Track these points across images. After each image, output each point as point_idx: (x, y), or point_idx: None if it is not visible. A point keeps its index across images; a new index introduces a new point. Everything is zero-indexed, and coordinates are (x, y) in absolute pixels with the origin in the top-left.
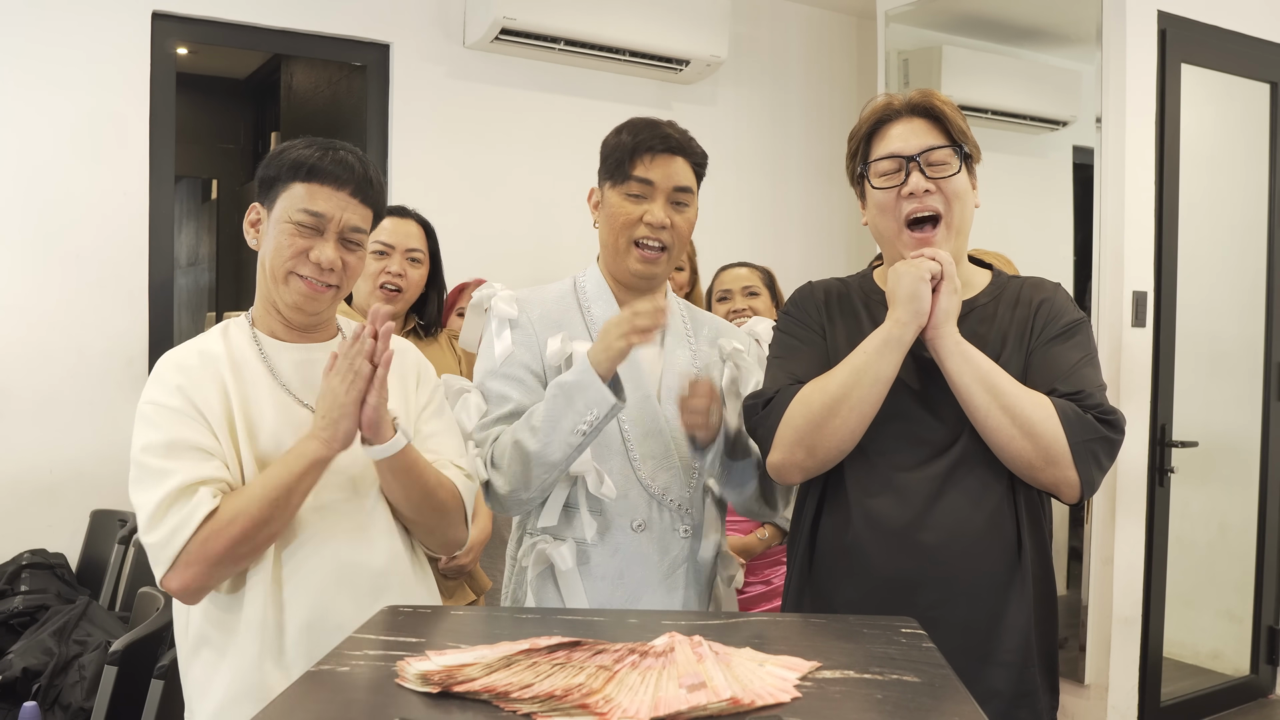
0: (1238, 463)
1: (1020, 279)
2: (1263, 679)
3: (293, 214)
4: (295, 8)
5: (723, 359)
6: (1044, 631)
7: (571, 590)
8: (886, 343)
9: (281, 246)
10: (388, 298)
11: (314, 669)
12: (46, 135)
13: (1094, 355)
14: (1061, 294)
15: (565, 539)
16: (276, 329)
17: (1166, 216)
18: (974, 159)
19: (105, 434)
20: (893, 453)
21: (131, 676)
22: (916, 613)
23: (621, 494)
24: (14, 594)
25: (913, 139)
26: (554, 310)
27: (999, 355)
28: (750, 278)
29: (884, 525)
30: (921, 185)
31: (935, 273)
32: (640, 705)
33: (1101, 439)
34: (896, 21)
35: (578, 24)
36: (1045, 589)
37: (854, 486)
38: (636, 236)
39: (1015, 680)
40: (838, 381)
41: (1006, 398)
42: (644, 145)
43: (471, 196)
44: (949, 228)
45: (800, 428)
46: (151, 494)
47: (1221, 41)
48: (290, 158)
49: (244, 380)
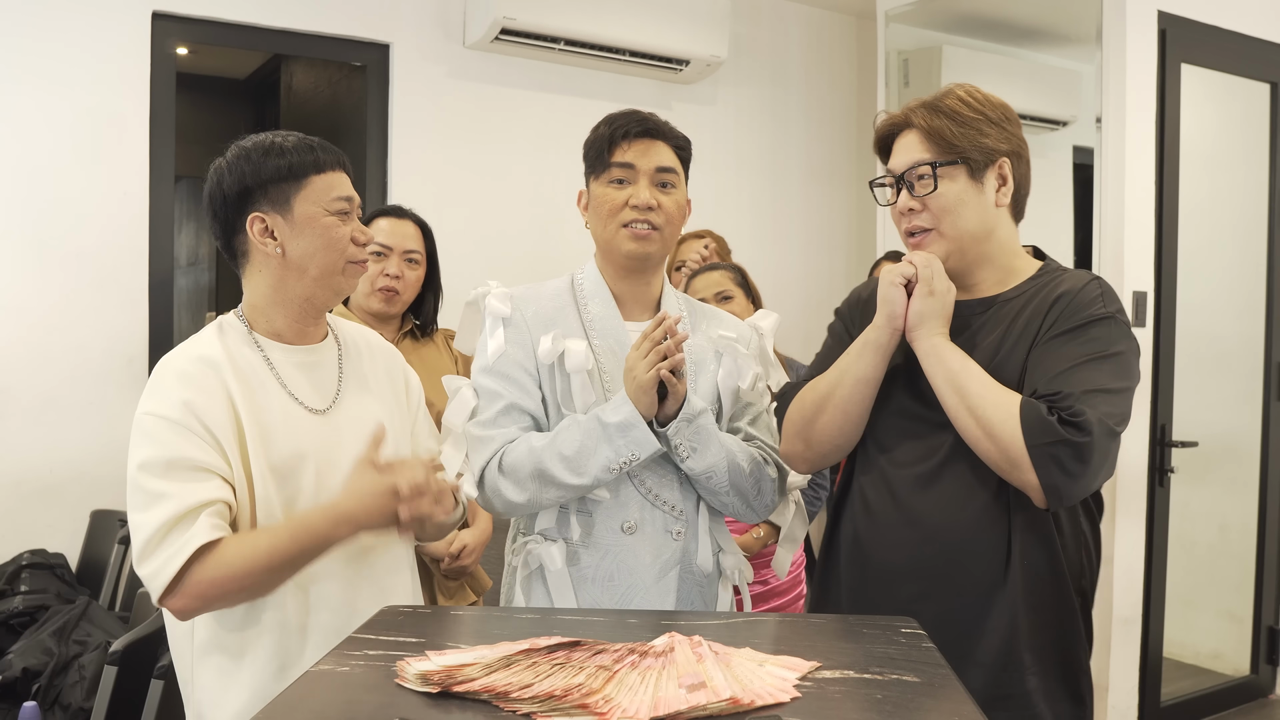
0: (1238, 463)
1: (1063, 273)
2: (1263, 679)
3: (329, 205)
4: (295, 8)
5: (717, 352)
6: (1060, 638)
7: (561, 591)
8: (865, 345)
9: (336, 239)
10: (385, 298)
11: (314, 669)
12: (46, 135)
13: (1109, 355)
14: (1091, 290)
15: (556, 539)
16: (282, 331)
17: (1166, 216)
18: (983, 161)
19: (105, 434)
20: (892, 447)
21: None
22: (899, 605)
23: (613, 494)
24: (14, 594)
25: (902, 155)
26: (548, 308)
27: (996, 354)
28: (722, 281)
29: (875, 516)
30: (906, 204)
31: (909, 275)
32: (640, 705)
33: (1062, 442)
34: (896, 21)
35: (578, 24)
36: (1055, 593)
37: (858, 477)
38: (624, 220)
39: (991, 683)
40: (826, 381)
41: (971, 398)
42: (620, 131)
43: (471, 196)
44: (941, 236)
45: (796, 423)
46: (146, 518)
47: (1221, 41)
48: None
49: (250, 387)
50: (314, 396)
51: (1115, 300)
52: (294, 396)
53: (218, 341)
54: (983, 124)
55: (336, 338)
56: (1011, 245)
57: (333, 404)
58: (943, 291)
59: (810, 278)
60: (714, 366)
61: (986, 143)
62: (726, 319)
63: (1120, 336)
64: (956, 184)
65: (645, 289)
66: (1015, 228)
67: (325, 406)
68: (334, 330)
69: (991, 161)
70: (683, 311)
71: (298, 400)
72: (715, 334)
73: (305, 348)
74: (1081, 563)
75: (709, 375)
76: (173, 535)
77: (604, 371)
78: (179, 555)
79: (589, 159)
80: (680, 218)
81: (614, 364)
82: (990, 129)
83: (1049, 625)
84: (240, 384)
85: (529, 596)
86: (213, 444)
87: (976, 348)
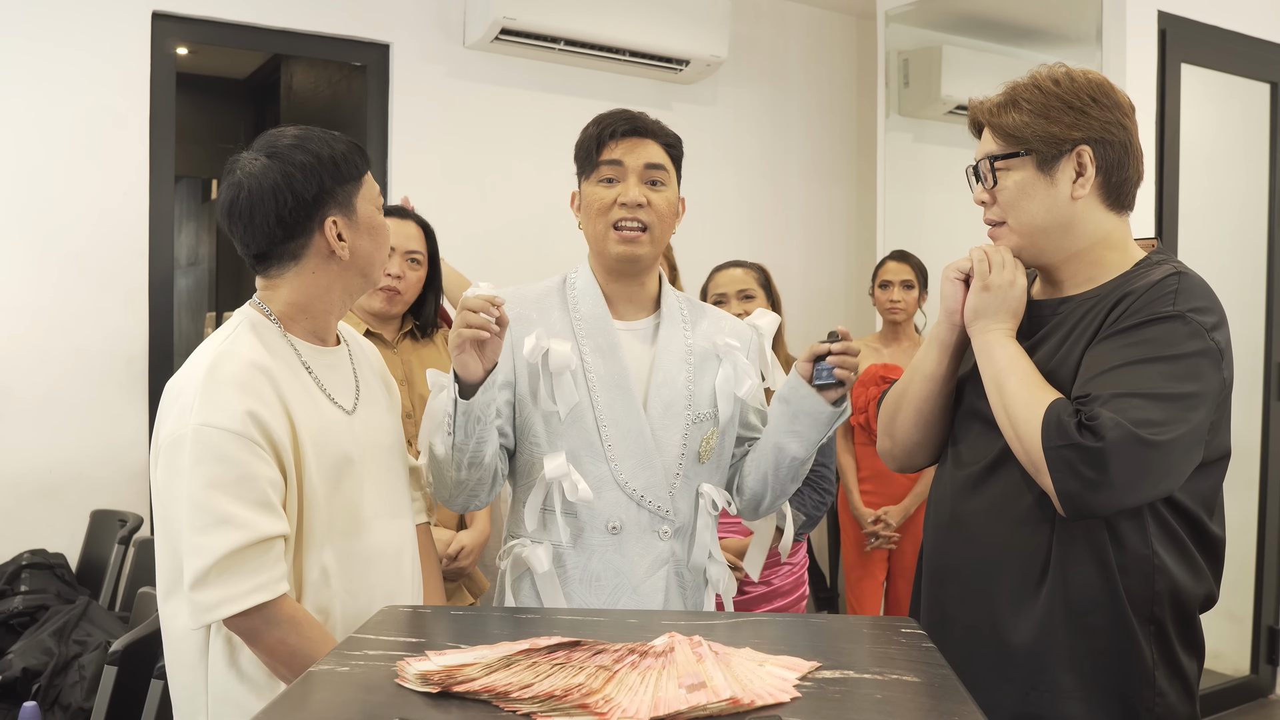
0: (1238, 463)
1: (1152, 268)
2: (1263, 679)
3: (379, 203)
4: (295, 8)
5: (718, 356)
6: (1114, 666)
7: (549, 593)
8: (930, 341)
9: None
10: (387, 298)
11: (314, 669)
12: (46, 135)
13: (1164, 358)
14: (1165, 286)
15: (542, 541)
16: (317, 332)
17: (1166, 216)
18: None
19: (105, 434)
20: (962, 448)
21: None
22: (941, 607)
23: (598, 495)
24: (14, 594)
25: (981, 148)
26: (533, 308)
27: (1055, 354)
28: (745, 280)
29: (934, 516)
30: (979, 197)
31: (966, 269)
32: (640, 705)
33: (1073, 446)
34: (896, 21)
35: (578, 24)
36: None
37: (935, 477)
38: (614, 220)
39: (1022, 700)
40: (903, 379)
41: (1007, 396)
42: (608, 130)
43: (471, 196)
44: (1010, 229)
45: (884, 421)
46: (210, 541)
47: (1221, 41)
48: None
49: (296, 392)
50: (345, 397)
51: (1195, 298)
52: (331, 399)
53: (259, 344)
54: (1058, 111)
55: (348, 346)
56: (1105, 239)
57: (356, 404)
58: (1001, 285)
59: (810, 278)
60: (715, 368)
61: (1055, 131)
62: (725, 320)
63: (1186, 337)
64: (1020, 176)
65: (639, 289)
66: (1116, 219)
67: (352, 407)
68: (345, 341)
69: (1063, 151)
70: (682, 312)
71: (335, 402)
72: (721, 340)
73: (329, 349)
74: (1151, 590)
75: (709, 377)
76: (241, 567)
77: (590, 371)
78: (253, 596)
79: (579, 159)
80: (672, 216)
81: (602, 364)
82: (1066, 115)
83: (1101, 651)
84: (290, 389)
85: (518, 599)
86: (274, 458)
87: (1042, 347)
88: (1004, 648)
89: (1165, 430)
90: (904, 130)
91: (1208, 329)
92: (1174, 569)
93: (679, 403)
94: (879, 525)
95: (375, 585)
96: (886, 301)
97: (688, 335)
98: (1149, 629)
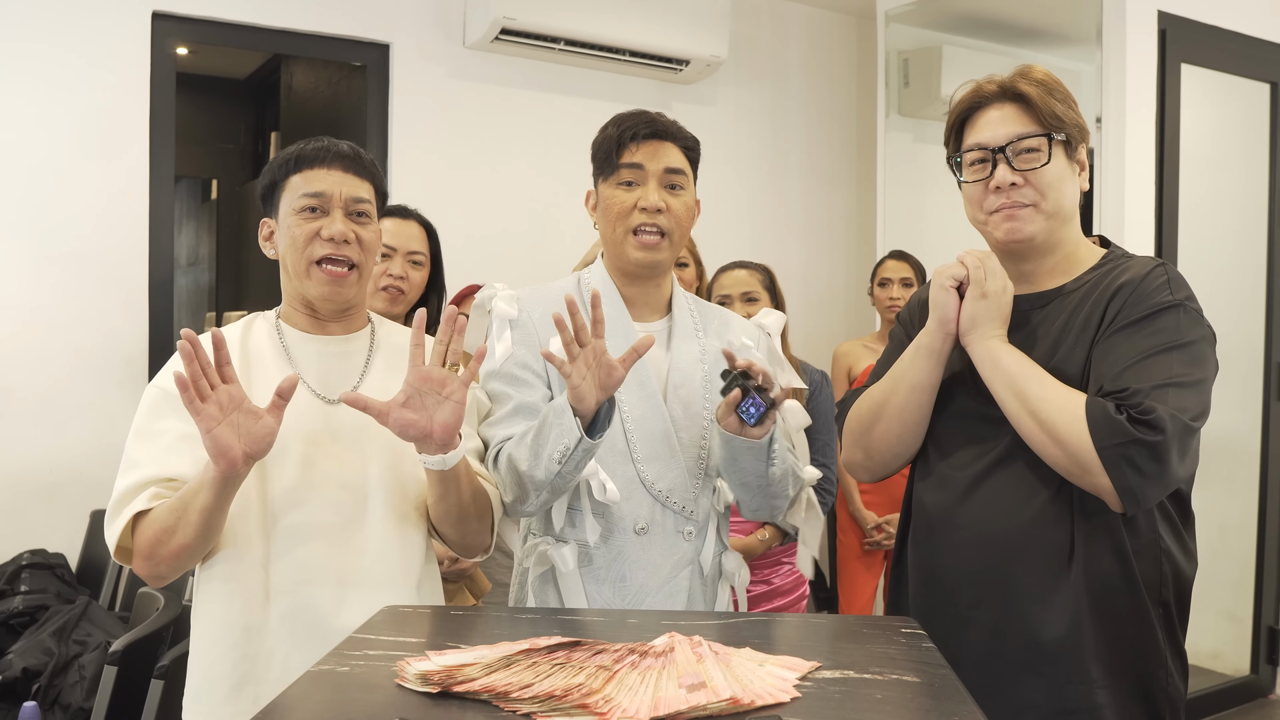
0: (1238, 463)
1: (1127, 260)
2: (1263, 679)
3: (296, 203)
4: (295, 8)
5: None
6: (1135, 652)
7: (572, 592)
8: (918, 350)
9: (295, 238)
10: (389, 299)
11: (314, 669)
12: (47, 135)
13: (1179, 345)
14: (1156, 276)
15: (568, 541)
16: (301, 322)
17: (1166, 216)
18: (1076, 140)
19: (105, 434)
20: (951, 451)
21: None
22: (958, 611)
23: (625, 496)
24: (14, 594)
25: (1000, 128)
26: (556, 308)
27: (1055, 351)
28: (749, 281)
29: (934, 522)
30: (1008, 179)
31: (960, 277)
32: (640, 705)
33: (1134, 441)
34: (896, 21)
35: (578, 24)
36: (1128, 604)
37: (918, 483)
38: (633, 224)
39: (1055, 695)
40: (881, 389)
41: (1033, 402)
42: (629, 133)
43: (471, 196)
44: (1039, 212)
45: (855, 431)
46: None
47: (1221, 41)
48: (279, 159)
49: (248, 363)
50: (324, 385)
51: (1183, 286)
52: (303, 381)
53: (240, 329)
54: (1074, 104)
55: (373, 336)
56: (1078, 234)
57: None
58: (997, 292)
59: (810, 278)
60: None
61: (1080, 123)
62: (735, 322)
63: (1191, 324)
64: (1059, 161)
65: (655, 291)
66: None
67: (335, 396)
68: (375, 330)
69: (1081, 143)
70: (692, 313)
71: (306, 385)
72: (737, 341)
73: (328, 338)
74: (1160, 573)
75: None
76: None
77: None
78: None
79: (597, 160)
80: (689, 219)
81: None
82: (1076, 114)
83: (1121, 637)
84: (244, 363)
85: (540, 598)
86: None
87: (1035, 345)
88: (1034, 644)
89: (1201, 416)
90: (904, 130)
91: (1201, 314)
92: (1175, 550)
93: (696, 403)
94: (881, 534)
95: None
96: (886, 300)
97: (700, 336)
98: (1159, 611)
